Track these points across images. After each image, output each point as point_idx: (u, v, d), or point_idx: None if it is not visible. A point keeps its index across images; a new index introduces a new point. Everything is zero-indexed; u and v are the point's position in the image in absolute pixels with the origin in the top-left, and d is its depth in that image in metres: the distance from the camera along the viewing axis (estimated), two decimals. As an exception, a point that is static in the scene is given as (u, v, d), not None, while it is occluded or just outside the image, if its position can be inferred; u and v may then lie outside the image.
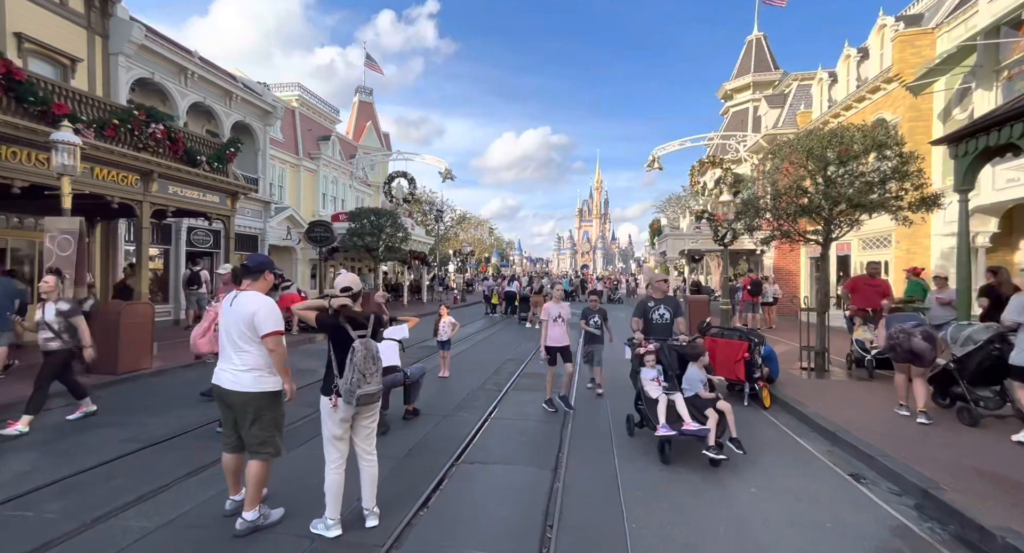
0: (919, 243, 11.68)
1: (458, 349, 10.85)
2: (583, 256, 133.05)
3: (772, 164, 8.31)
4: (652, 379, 4.78)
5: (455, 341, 10.91)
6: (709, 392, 4.66)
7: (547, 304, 6.49)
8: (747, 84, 22.02)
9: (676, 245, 18.81)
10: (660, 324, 5.38)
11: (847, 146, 6.91)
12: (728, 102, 23.20)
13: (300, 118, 20.99)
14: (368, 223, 17.82)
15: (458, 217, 47.69)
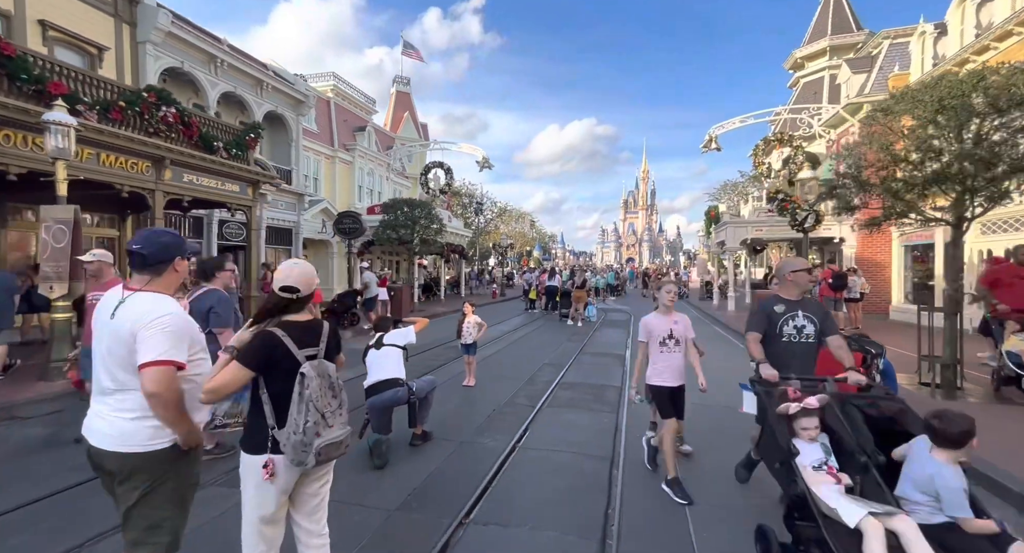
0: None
1: (489, 350, 9.73)
2: (628, 249, 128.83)
3: (882, 124, 6.49)
4: (817, 466, 2.45)
5: (484, 342, 9.96)
6: (982, 519, 2.14)
7: (648, 318, 4.11)
8: (823, 49, 19.30)
9: (737, 234, 16.73)
10: (798, 345, 3.25)
11: (1007, 87, 5.06)
12: (798, 72, 20.50)
13: (335, 109, 20.59)
14: (401, 215, 17.08)
15: (499, 210, 46.78)
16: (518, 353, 9.63)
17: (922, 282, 13.74)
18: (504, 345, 10.56)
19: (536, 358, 8.92)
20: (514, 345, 10.64)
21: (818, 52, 19.44)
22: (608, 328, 13.85)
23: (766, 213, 13.00)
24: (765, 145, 18.07)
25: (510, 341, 11.18)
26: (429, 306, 19.29)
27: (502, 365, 8.37)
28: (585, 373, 7.71)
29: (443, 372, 7.61)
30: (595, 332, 12.80)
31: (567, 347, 10.26)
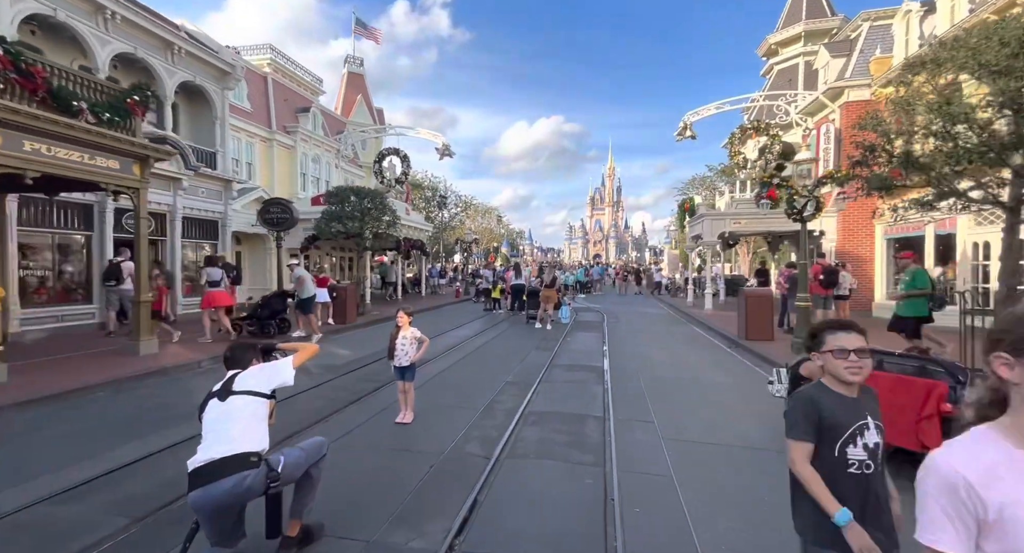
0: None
1: (440, 364, 8.04)
2: (596, 245, 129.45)
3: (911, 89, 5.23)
4: None
5: (436, 353, 8.19)
6: None
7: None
8: (797, 34, 18.58)
9: (715, 227, 15.70)
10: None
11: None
12: (772, 59, 19.76)
13: (273, 85, 18.20)
14: (349, 205, 15.04)
15: (464, 204, 44.80)
16: (475, 368, 7.98)
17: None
18: (460, 357, 8.89)
19: (497, 375, 7.30)
20: (472, 357, 8.99)
21: (792, 37, 18.72)
22: (580, 331, 12.41)
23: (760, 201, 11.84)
24: (741, 133, 17.11)
25: (468, 351, 9.52)
26: (384, 307, 17.33)
27: (454, 387, 6.70)
28: (558, 396, 6.16)
29: (372, 403, 5.86)
30: (566, 337, 11.32)
31: (535, 358, 8.70)
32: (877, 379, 3.72)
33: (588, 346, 10.14)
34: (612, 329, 12.80)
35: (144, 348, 8.06)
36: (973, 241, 10.67)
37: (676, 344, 10.44)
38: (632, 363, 8.29)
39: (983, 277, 10.46)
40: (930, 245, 11.58)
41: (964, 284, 10.86)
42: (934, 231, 11.51)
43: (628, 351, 9.49)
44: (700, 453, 4.29)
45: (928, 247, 11.62)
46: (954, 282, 11.54)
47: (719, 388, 6.70)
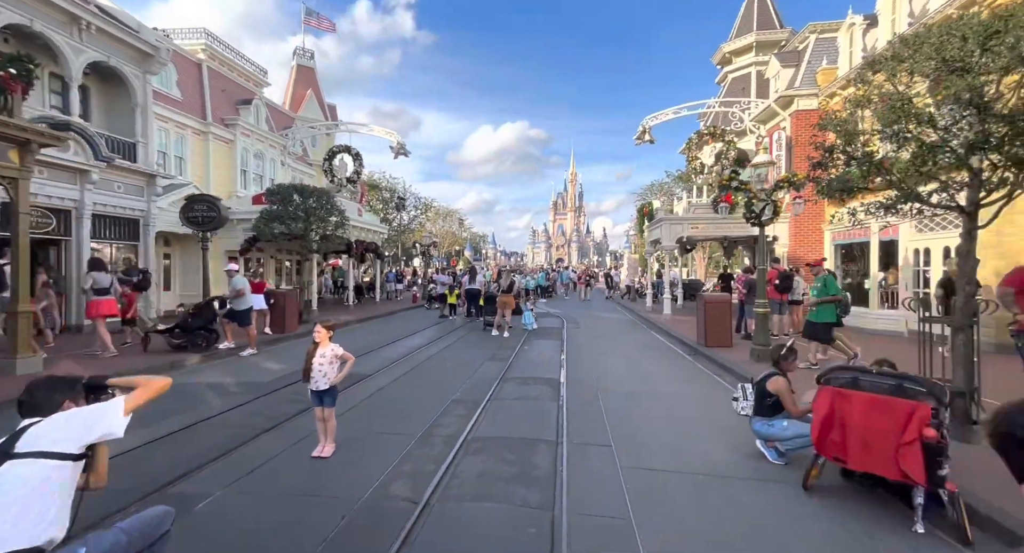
0: (1013, 221, 8.77)
1: (382, 380, 7.25)
2: (558, 249, 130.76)
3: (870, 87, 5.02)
4: None
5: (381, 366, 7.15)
6: None
7: None
8: (749, 45, 19.05)
9: (673, 231, 15.67)
10: None
11: None
12: (726, 67, 20.19)
13: (209, 74, 16.72)
14: (292, 204, 13.91)
15: (424, 206, 43.62)
16: (420, 383, 7.25)
17: (855, 282, 13.38)
18: (404, 370, 8.12)
19: (443, 391, 6.61)
20: (418, 370, 8.24)
21: (745, 47, 19.19)
22: (538, 338, 11.90)
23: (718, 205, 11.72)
24: (698, 139, 17.28)
25: (414, 363, 8.76)
26: (335, 313, 16.19)
27: (391, 407, 5.95)
28: (507, 417, 5.55)
29: (289, 431, 5.04)
30: (523, 345, 10.76)
31: (488, 370, 8.07)
32: (851, 400, 3.35)
33: (545, 355, 9.62)
34: (571, 336, 12.37)
35: (23, 366, 6.82)
36: (914, 247, 10.99)
37: (636, 352, 10.10)
38: (590, 374, 7.82)
39: (923, 282, 10.76)
40: (875, 251, 11.89)
41: (906, 289, 11.17)
42: (879, 238, 11.81)
43: (587, 360, 9.04)
44: (662, 485, 3.79)
45: (873, 253, 11.92)
46: (896, 287, 11.88)
47: (681, 401, 6.30)
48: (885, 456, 3.13)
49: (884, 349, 9.62)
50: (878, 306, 11.87)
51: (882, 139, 5.00)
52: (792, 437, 4.11)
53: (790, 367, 4.37)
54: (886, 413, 3.17)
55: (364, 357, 9.17)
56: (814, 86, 14.48)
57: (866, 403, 3.26)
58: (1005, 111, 4.03)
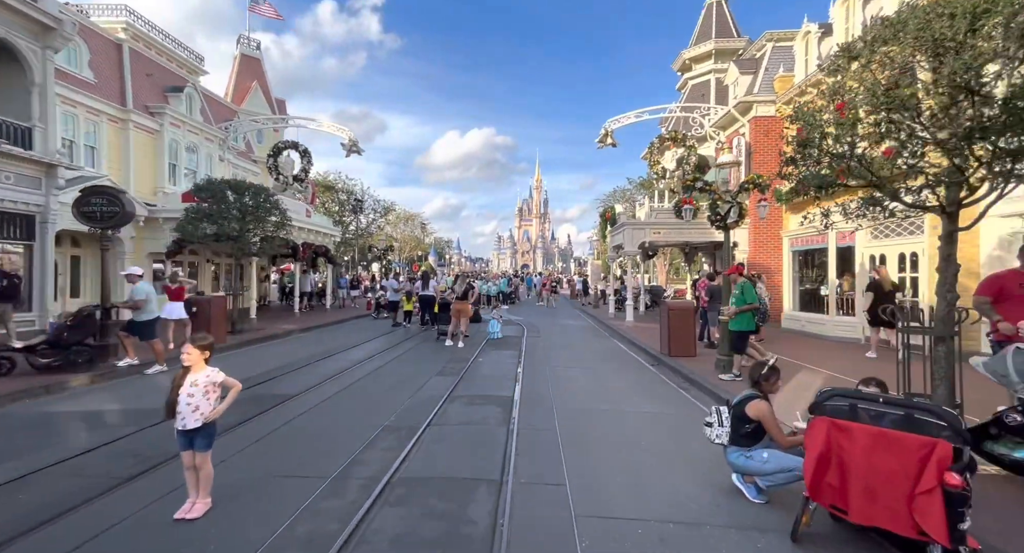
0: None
1: (299, 405, 6.18)
2: (523, 255, 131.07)
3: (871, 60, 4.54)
4: None
5: (319, 380, 5.87)
6: None
7: None
8: (708, 52, 19.21)
9: (636, 236, 15.33)
10: None
11: None
12: (686, 74, 20.30)
13: (131, 57, 15.03)
14: (225, 202, 12.52)
15: (383, 209, 41.98)
16: (351, 405, 6.26)
17: (812, 289, 13.39)
18: (338, 388, 7.09)
19: (376, 415, 5.68)
20: (354, 388, 7.24)
21: (704, 54, 19.35)
22: (495, 349, 11.09)
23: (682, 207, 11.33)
24: (660, 143, 17.10)
25: (351, 380, 7.74)
26: (273, 321, 14.76)
27: (306, 438, 4.96)
28: (445, 449, 4.69)
29: (158, 480, 3.97)
30: (478, 356, 9.92)
31: (433, 387, 7.17)
32: (852, 435, 2.72)
33: (501, 368, 8.82)
34: (531, 346, 11.64)
35: None
36: (870, 254, 10.99)
37: (598, 363, 9.47)
38: (548, 389, 7.08)
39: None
40: (832, 257, 11.87)
41: (863, 295, 11.15)
42: (836, 244, 11.80)
43: (545, 373, 8.31)
44: (624, 540, 3.06)
45: (831, 259, 11.90)
46: (852, 293, 11.90)
47: (645, 423, 5.65)
48: (895, 507, 2.51)
49: (842, 357, 9.55)
50: (835, 313, 11.82)
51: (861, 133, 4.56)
52: (774, 472, 3.48)
53: (772, 388, 3.77)
54: (895, 452, 2.56)
55: (293, 373, 8.07)
56: (772, 93, 14.55)
57: (870, 439, 2.64)
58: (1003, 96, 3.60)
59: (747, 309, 7.15)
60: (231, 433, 4.91)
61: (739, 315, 7.20)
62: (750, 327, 7.26)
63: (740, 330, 7.24)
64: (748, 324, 7.23)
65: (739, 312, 7.15)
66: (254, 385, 7.10)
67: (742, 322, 7.23)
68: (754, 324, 7.25)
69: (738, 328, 7.23)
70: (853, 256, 11.47)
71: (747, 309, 7.15)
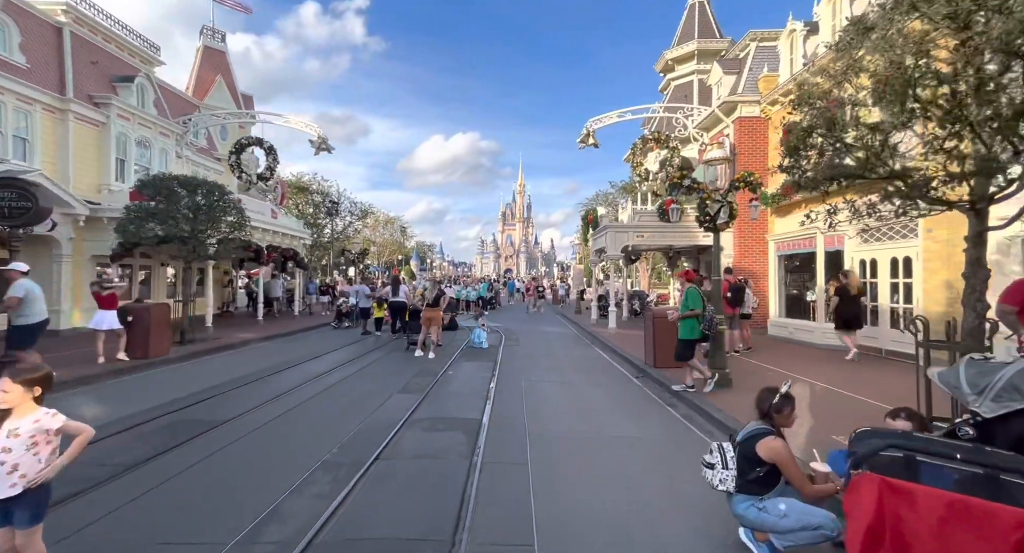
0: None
1: (231, 432, 5.22)
2: (507, 260, 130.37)
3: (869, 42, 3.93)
4: None
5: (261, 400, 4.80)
6: None
7: None
8: (691, 52, 18.88)
9: (619, 240, 14.73)
10: None
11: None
12: (669, 74, 19.94)
13: (73, 41, 13.80)
14: (175, 199, 11.41)
15: (361, 212, 40.72)
16: (290, 432, 5.35)
17: (798, 294, 12.96)
18: (281, 411, 6.16)
19: (317, 446, 4.80)
20: (303, 408, 6.32)
21: (687, 55, 19.02)
22: (469, 360, 10.26)
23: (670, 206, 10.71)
24: (643, 144, 16.60)
25: (305, 397, 6.81)
26: (233, 329, 13.59)
27: (219, 480, 4.05)
28: (390, 496, 3.85)
29: None
30: (449, 369, 9.08)
31: (391, 408, 6.31)
32: (915, 501, 2.00)
33: (472, 383, 8.00)
34: (508, 355, 10.85)
35: None
36: (860, 258, 10.56)
37: (578, 375, 8.73)
38: (522, 409, 6.30)
39: (871, 295, 10.30)
40: (821, 262, 11.43)
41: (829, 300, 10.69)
42: (824, 247, 11.37)
43: (521, 388, 7.52)
44: None
45: (819, 264, 11.46)
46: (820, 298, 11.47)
47: (630, 451, 4.91)
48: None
49: (831, 366, 8.98)
50: (823, 320, 11.35)
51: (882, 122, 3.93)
52: (794, 529, 2.76)
53: (787, 421, 3.07)
54: (977, 528, 1.84)
55: (233, 393, 7.09)
56: (756, 93, 14.17)
57: (943, 508, 1.92)
58: None
59: (689, 315, 6.85)
60: (113, 483, 3.96)
61: (684, 322, 6.95)
62: (696, 335, 6.95)
63: (687, 338, 6.97)
64: (694, 332, 6.94)
65: (681, 318, 6.91)
66: (179, 409, 6.13)
67: (690, 330, 6.95)
68: (700, 331, 6.92)
69: (686, 336, 6.96)
70: (842, 261, 11.04)
71: (689, 315, 6.85)
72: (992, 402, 2.29)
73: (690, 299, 7.00)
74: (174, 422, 5.61)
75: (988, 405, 2.31)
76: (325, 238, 35.15)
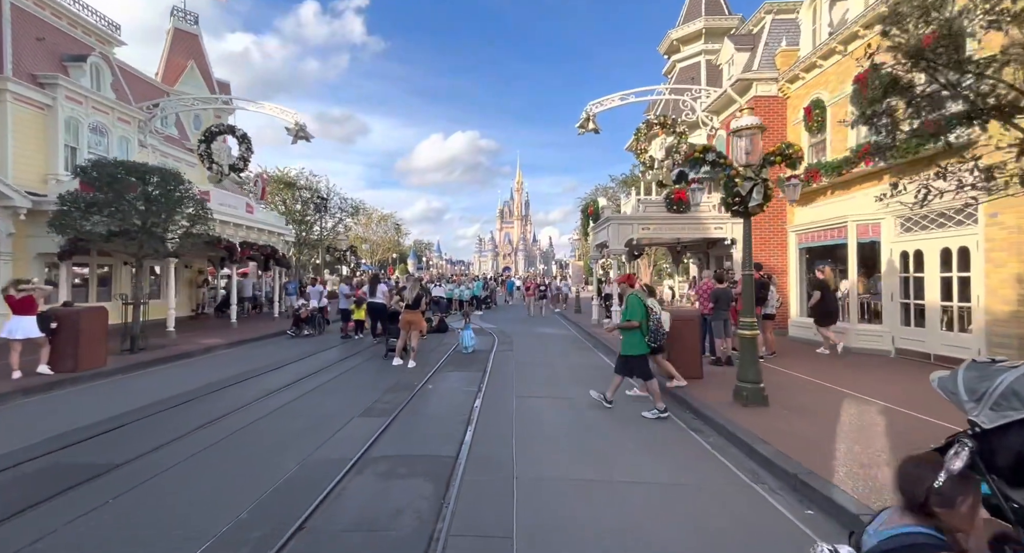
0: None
1: (126, 480, 3.84)
2: (505, 258, 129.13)
3: None
4: None
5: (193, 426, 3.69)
6: None
7: None
8: (698, 31, 17.53)
9: (622, 232, 13.40)
10: None
11: None
12: (674, 56, 18.59)
13: (13, 14, 12.39)
14: (116, 189, 10.04)
15: (352, 208, 39.16)
16: (200, 480, 3.99)
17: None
18: (213, 441, 4.80)
19: (224, 505, 3.46)
20: (233, 440, 4.97)
21: (693, 34, 17.67)
22: (454, 370, 8.93)
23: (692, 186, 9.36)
24: (647, 129, 15.26)
25: (243, 423, 5.45)
26: (198, 334, 12.20)
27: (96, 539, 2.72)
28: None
29: None
30: (428, 382, 7.74)
31: (346, 439, 4.98)
32: None
33: (453, 400, 6.67)
34: (499, 363, 9.54)
35: None
36: (901, 250, 9.25)
37: (581, 389, 7.39)
38: (510, 439, 4.97)
39: (914, 291, 9.00)
40: (853, 254, 10.11)
41: (892, 299, 9.41)
42: (856, 238, 10.05)
43: (510, 410, 6.20)
44: None
45: (851, 256, 10.14)
46: (868, 296, 10.19)
47: (655, 509, 3.59)
48: None
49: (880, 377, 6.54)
50: (857, 320, 10.05)
51: None
52: None
53: (965, 522, 1.74)
54: None
55: (158, 416, 5.72)
56: (773, 69, 12.85)
57: None
58: None
59: (626, 326, 5.89)
60: None
61: (627, 337, 5.92)
62: (642, 350, 5.92)
63: (632, 355, 5.91)
64: (640, 346, 5.91)
65: (617, 328, 5.97)
66: (69, 445, 4.79)
67: (634, 343, 5.90)
68: (646, 345, 5.94)
69: (633, 352, 5.90)
70: (878, 253, 9.73)
71: (626, 326, 5.89)
72: (991, 410, 1.93)
73: (631, 308, 5.92)
74: (47, 467, 4.27)
75: (987, 414, 1.95)
76: (315, 236, 33.75)
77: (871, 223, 9.73)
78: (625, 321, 5.98)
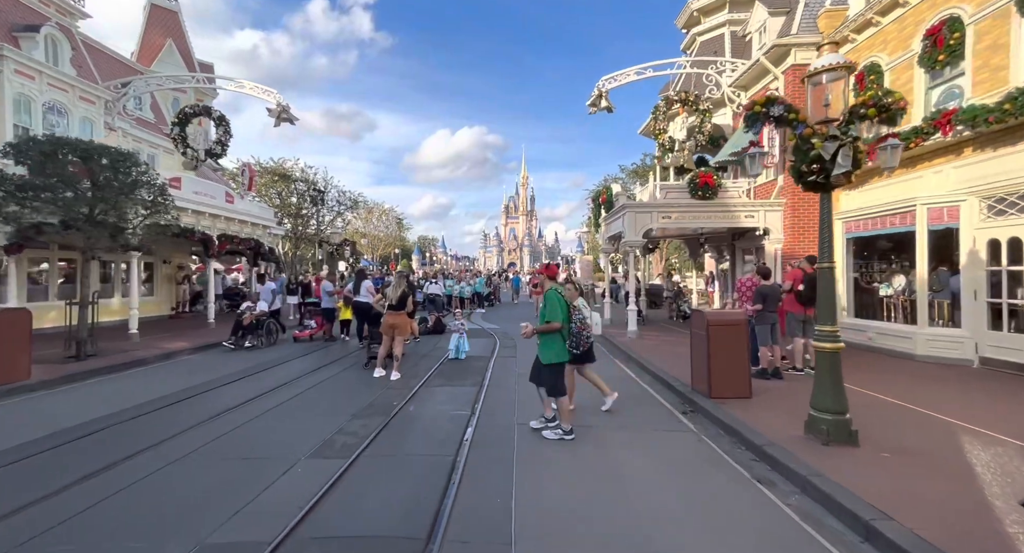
0: None
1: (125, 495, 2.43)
2: (510, 253, 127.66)
3: None
4: None
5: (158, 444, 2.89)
6: None
7: None
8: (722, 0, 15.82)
9: (639, 222, 11.83)
10: None
11: None
12: (694, 28, 16.88)
13: (-48, -24, 10.98)
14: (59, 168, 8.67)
15: (350, 201, 37.76)
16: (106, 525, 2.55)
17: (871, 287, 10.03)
18: (96, 498, 3.35)
19: None
20: (130, 495, 3.51)
21: (717, 3, 15.96)
22: (445, 384, 7.44)
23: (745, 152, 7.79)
24: (667, 106, 13.65)
25: (156, 466, 3.98)
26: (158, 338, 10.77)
27: None
28: None
29: None
30: (409, 401, 6.25)
31: (275, 501, 3.51)
32: None
33: (438, 430, 5.19)
34: (500, 373, 8.07)
35: None
36: (988, 237, 7.63)
37: (595, 417, 5.86)
38: (509, 500, 3.48)
39: (1008, 289, 7.38)
40: (923, 243, 8.49)
41: (975, 298, 7.79)
42: (927, 224, 8.43)
43: (511, 441, 4.71)
44: None
45: (920, 246, 8.52)
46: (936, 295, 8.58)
47: None
48: None
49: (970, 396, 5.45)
50: (926, 323, 8.45)
51: None
52: None
53: None
54: None
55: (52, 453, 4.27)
56: (816, 33, 11.16)
57: None
58: None
59: (544, 329, 4.78)
60: None
61: (544, 341, 4.82)
62: (563, 357, 4.85)
63: (552, 363, 4.81)
64: (561, 353, 4.83)
65: (536, 332, 4.86)
66: None
67: (551, 349, 4.79)
68: (567, 353, 4.89)
69: (551, 360, 4.81)
70: (955, 240, 8.11)
71: (544, 329, 4.78)
72: None
73: (550, 306, 4.83)
74: None
75: None
76: (311, 230, 32.40)
77: (947, 206, 8.11)
78: (544, 323, 4.82)
